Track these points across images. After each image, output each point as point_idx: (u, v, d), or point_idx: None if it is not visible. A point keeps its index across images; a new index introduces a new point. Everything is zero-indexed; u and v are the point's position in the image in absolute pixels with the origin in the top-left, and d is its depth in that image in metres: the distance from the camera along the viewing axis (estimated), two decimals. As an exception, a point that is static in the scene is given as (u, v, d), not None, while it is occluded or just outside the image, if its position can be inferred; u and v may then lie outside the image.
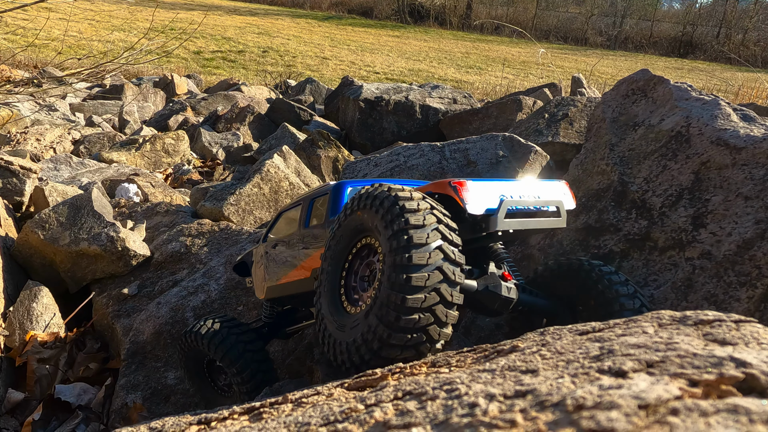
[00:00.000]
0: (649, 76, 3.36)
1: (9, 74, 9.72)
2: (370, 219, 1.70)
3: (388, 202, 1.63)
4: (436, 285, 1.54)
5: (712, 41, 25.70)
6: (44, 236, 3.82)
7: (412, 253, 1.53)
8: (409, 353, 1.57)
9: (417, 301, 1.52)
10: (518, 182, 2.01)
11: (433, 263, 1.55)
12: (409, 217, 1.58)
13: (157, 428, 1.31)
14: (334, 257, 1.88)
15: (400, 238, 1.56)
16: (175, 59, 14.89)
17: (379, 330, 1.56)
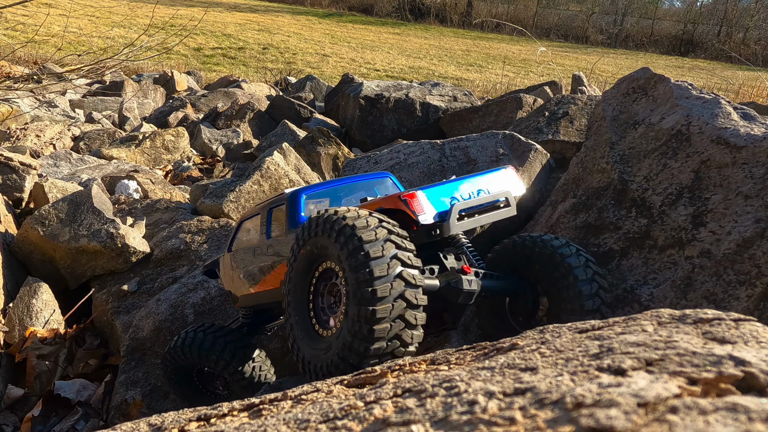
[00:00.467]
0: (649, 74, 3.36)
1: (9, 70, 9.70)
2: (326, 244, 1.75)
3: (339, 225, 1.69)
4: (401, 292, 1.62)
5: (713, 40, 25.68)
6: (44, 232, 3.82)
7: (372, 266, 1.60)
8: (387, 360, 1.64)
9: (386, 311, 1.59)
10: (468, 180, 2.05)
11: (393, 272, 1.62)
12: (361, 234, 1.64)
13: (156, 424, 1.31)
14: (298, 286, 1.93)
15: (357, 256, 1.62)
16: (175, 56, 14.87)
17: (356, 345, 1.63)
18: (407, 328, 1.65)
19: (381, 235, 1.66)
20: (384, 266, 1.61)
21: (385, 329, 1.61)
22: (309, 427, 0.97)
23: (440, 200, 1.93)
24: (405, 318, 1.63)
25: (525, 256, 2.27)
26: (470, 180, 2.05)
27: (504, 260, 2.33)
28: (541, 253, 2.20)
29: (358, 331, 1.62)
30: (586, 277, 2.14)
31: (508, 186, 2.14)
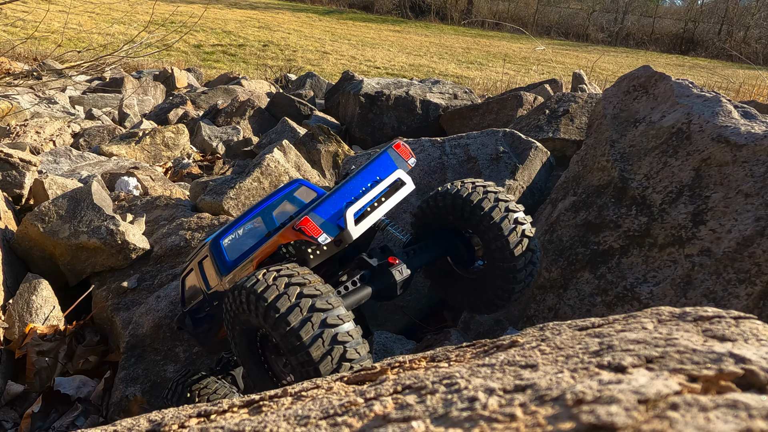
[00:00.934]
0: (650, 72, 3.36)
1: (9, 66, 9.69)
2: (247, 319, 1.79)
3: (255, 299, 1.72)
4: (334, 338, 1.65)
5: (714, 38, 25.65)
6: (44, 229, 3.82)
7: (301, 334, 1.63)
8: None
9: (328, 363, 1.64)
10: (356, 177, 2.01)
11: (319, 328, 1.65)
12: (279, 306, 1.67)
13: (156, 420, 1.31)
14: (246, 354, 1.95)
15: (282, 326, 1.66)
16: (175, 52, 14.86)
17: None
18: (353, 348, 1.68)
19: (293, 293, 1.69)
20: (309, 329, 1.64)
21: (328, 360, 1.65)
22: (309, 424, 0.97)
23: (335, 211, 1.93)
24: (346, 347, 1.66)
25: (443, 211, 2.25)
26: (359, 176, 2.01)
27: (429, 220, 2.30)
28: (454, 204, 2.19)
29: (307, 375, 1.66)
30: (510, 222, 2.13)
31: (397, 164, 2.09)
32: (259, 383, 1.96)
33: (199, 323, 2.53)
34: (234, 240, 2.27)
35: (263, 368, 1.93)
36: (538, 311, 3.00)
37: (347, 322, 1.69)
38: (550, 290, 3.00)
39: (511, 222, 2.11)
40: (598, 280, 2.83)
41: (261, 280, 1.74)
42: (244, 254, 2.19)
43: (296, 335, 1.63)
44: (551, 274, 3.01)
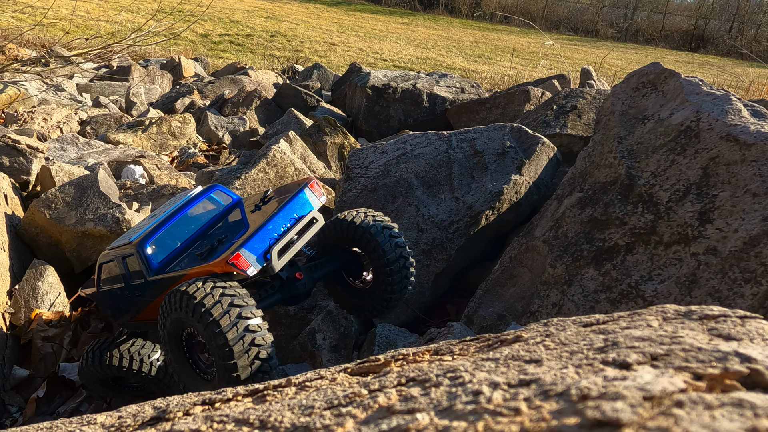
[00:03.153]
0: (660, 69, 3.33)
1: (17, 53, 9.70)
2: (184, 317, 2.11)
3: (190, 303, 2.06)
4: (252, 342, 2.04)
5: (724, 36, 25.43)
6: (50, 216, 3.84)
7: (227, 335, 2.01)
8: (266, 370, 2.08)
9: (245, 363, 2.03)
10: (278, 215, 2.38)
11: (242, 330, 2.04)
12: (212, 311, 2.03)
13: (161, 407, 1.32)
14: (174, 351, 2.27)
15: (212, 327, 2.02)
16: (182, 42, 14.84)
17: (233, 379, 2.03)
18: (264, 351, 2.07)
19: (225, 303, 2.06)
20: (235, 332, 2.03)
21: (250, 369, 2.05)
22: (313, 413, 0.98)
23: (261, 248, 2.28)
24: (258, 357, 2.06)
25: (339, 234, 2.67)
26: (280, 215, 2.38)
27: (328, 241, 2.73)
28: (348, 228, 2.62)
29: (229, 377, 2.03)
30: (391, 245, 2.58)
31: (312, 203, 2.50)
32: (178, 369, 2.29)
33: (111, 304, 2.83)
34: (160, 244, 2.55)
35: (185, 358, 2.27)
36: (541, 307, 2.99)
37: (257, 317, 2.08)
38: (554, 286, 2.99)
39: (386, 236, 2.56)
40: (603, 277, 2.82)
41: (200, 288, 2.10)
42: (173, 265, 2.49)
43: (218, 325, 2.02)
44: (556, 270, 3.01)
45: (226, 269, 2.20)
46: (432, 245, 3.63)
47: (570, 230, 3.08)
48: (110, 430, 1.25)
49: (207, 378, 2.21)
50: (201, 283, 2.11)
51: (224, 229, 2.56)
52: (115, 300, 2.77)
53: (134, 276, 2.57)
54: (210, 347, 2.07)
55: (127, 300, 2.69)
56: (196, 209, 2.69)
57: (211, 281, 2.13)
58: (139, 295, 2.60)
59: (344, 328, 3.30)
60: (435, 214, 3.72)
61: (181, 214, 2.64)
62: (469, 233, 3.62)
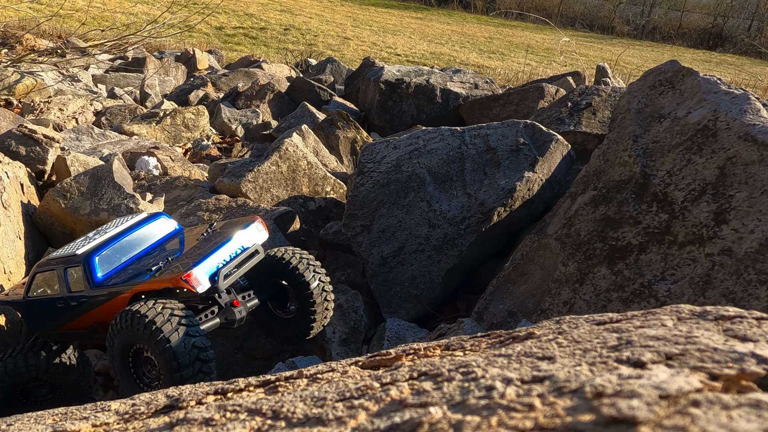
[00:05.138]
0: (677, 67, 3.30)
1: (33, 43, 9.79)
2: (136, 335, 2.34)
3: (141, 321, 2.31)
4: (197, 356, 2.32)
5: (743, 34, 25.06)
6: (65, 205, 3.88)
7: (176, 350, 2.28)
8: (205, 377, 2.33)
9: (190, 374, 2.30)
10: (227, 244, 2.66)
11: (190, 348, 2.31)
12: (162, 328, 2.29)
13: (174, 396, 1.33)
14: (118, 362, 2.49)
15: (162, 342, 2.28)
16: (197, 34, 14.89)
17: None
18: (204, 373, 2.34)
19: (174, 321, 2.32)
20: (182, 344, 2.30)
21: (191, 371, 2.31)
22: (326, 405, 0.98)
23: (211, 271, 2.54)
24: (202, 370, 2.34)
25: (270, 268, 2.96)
26: (228, 243, 2.67)
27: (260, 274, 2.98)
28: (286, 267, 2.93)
29: (175, 380, 2.26)
30: (316, 280, 2.91)
31: (255, 238, 2.80)
32: (123, 382, 2.51)
33: (38, 312, 2.97)
34: (105, 260, 2.76)
35: (130, 373, 2.49)
36: (552, 305, 2.98)
37: (201, 336, 2.37)
38: (566, 284, 2.98)
39: (311, 272, 2.90)
40: (615, 276, 2.80)
41: (151, 308, 2.34)
42: (117, 280, 2.69)
43: (168, 341, 2.28)
44: (567, 269, 3.00)
45: (179, 285, 2.44)
46: (443, 241, 3.63)
47: (583, 228, 3.07)
48: (124, 416, 1.26)
49: (146, 390, 2.43)
50: (151, 304, 2.37)
51: (167, 253, 2.83)
52: (44, 309, 2.92)
53: (74, 287, 2.77)
54: (158, 361, 2.33)
55: (59, 309, 2.85)
56: (141, 232, 2.96)
57: (161, 302, 2.39)
58: (74, 306, 2.78)
59: (354, 322, 3.30)
60: (447, 209, 3.72)
61: (127, 235, 2.90)
62: (480, 230, 3.61)
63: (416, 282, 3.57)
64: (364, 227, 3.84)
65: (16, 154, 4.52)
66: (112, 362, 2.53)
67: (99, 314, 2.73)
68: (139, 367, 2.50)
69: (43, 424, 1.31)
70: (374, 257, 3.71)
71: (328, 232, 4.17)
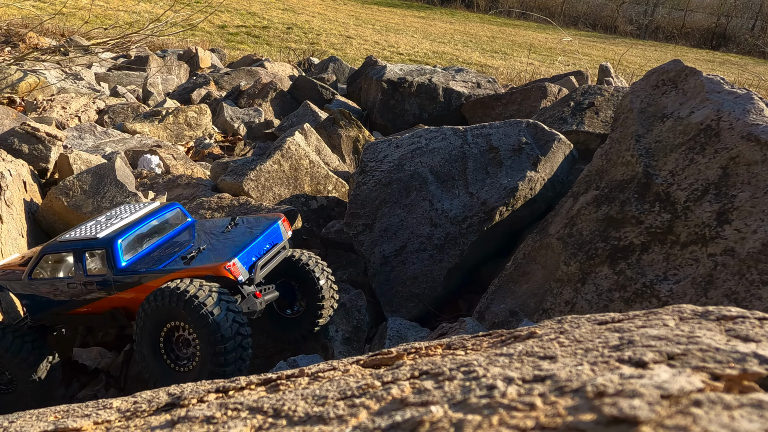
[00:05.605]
0: (680, 67, 3.29)
1: (37, 42, 9.81)
2: (177, 312, 2.41)
3: (182, 297, 2.38)
4: (238, 331, 2.44)
5: (746, 34, 24.98)
6: (68, 203, 3.89)
7: (220, 323, 2.39)
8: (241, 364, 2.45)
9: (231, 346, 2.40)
10: (261, 238, 2.83)
11: (231, 322, 2.42)
12: (205, 302, 2.38)
13: (176, 394, 1.33)
14: (147, 341, 2.53)
15: (205, 316, 2.36)
16: (199, 32, 14.90)
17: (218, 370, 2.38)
18: (243, 344, 2.46)
19: (215, 298, 2.42)
20: (227, 321, 2.40)
21: (233, 344, 2.41)
22: (327, 404, 0.98)
23: (249, 262, 2.71)
24: (242, 344, 2.45)
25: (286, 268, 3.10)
26: (262, 237, 2.85)
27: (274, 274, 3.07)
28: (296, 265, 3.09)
29: (217, 353, 2.37)
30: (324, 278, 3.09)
31: (283, 234, 3.00)
32: (150, 361, 2.54)
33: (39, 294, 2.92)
34: (129, 245, 2.79)
35: (160, 351, 2.53)
36: (554, 304, 2.98)
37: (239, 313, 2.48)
38: (568, 284, 2.98)
39: (320, 270, 3.08)
40: (617, 276, 2.80)
41: (192, 286, 2.43)
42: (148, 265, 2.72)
43: (213, 317, 2.37)
44: (569, 268, 2.99)
45: (221, 273, 2.55)
46: (445, 240, 3.62)
47: (585, 228, 3.06)
48: (126, 414, 1.26)
49: (179, 370, 2.51)
50: (188, 281, 2.46)
51: (192, 242, 2.92)
52: (49, 291, 2.86)
53: (92, 270, 2.75)
54: (200, 336, 2.39)
55: (67, 293, 2.81)
56: (158, 221, 3.00)
57: (198, 281, 2.47)
58: (88, 290, 2.75)
59: (357, 321, 3.31)
60: (449, 209, 3.72)
61: (147, 222, 2.92)
62: (482, 229, 3.61)
63: (418, 281, 3.57)
64: (366, 226, 3.84)
65: (19, 152, 4.52)
66: (139, 344, 2.53)
67: (121, 299, 2.71)
68: (172, 347, 2.53)
69: (45, 421, 1.32)
70: (376, 256, 3.71)
71: (330, 231, 4.17)
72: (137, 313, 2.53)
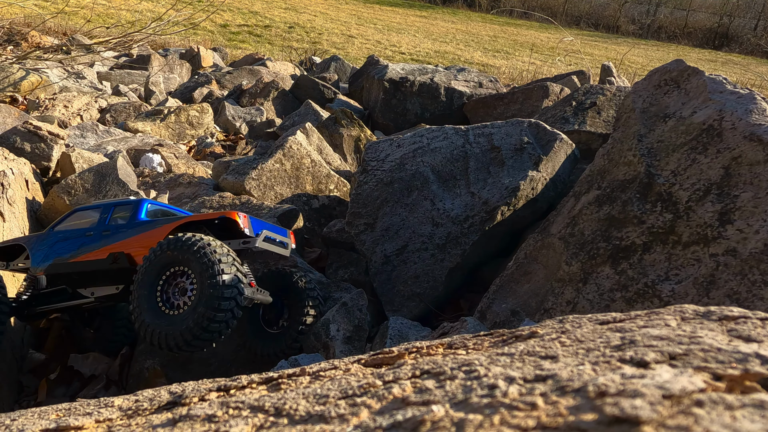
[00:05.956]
0: (683, 66, 3.28)
1: (39, 40, 9.82)
2: (186, 256, 2.59)
3: (194, 244, 2.59)
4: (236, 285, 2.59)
5: (749, 34, 24.94)
6: (70, 201, 3.89)
7: (224, 274, 2.55)
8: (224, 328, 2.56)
9: (229, 294, 2.54)
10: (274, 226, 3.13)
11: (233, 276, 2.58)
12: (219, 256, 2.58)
13: (177, 392, 1.33)
14: (147, 282, 2.68)
15: (214, 267, 2.54)
16: (201, 32, 14.91)
17: (208, 314, 2.50)
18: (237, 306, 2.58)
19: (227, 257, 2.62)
20: (230, 272, 2.58)
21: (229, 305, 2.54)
22: (328, 403, 0.98)
23: (257, 227, 2.94)
24: (237, 300, 2.58)
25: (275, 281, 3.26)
26: (275, 227, 3.13)
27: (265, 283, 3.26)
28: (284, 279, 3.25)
29: (212, 306, 2.50)
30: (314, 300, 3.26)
31: (288, 240, 3.21)
32: (143, 303, 2.67)
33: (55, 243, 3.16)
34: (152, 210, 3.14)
35: (155, 293, 2.67)
36: (555, 304, 2.98)
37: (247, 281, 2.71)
38: (569, 284, 2.97)
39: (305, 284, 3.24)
40: (619, 276, 2.80)
41: (202, 237, 2.63)
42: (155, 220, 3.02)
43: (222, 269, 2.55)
44: (571, 268, 2.99)
45: (232, 216, 2.78)
46: (446, 240, 3.62)
47: (587, 228, 3.06)
48: (127, 412, 1.26)
49: (169, 313, 2.64)
50: (201, 235, 2.67)
51: None
52: (68, 239, 3.12)
53: (116, 219, 3.08)
54: (202, 279, 2.54)
55: (85, 239, 3.08)
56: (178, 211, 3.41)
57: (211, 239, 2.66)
58: (105, 235, 3.04)
59: (358, 320, 3.31)
60: (450, 208, 3.72)
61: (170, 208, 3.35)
62: (484, 228, 3.61)
63: (419, 280, 3.57)
64: (367, 225, 3.84)
65: (21, 151, 4.53)
66: (138, 283, 2.69)
67: (128, 244, 2.96)
68: (168, 290, 2.69)
69: (47, 419, 1.32)
70: (377, 255, 3.71)
71: (331, 230, 4.17)
72: (144, 257, 2.72)
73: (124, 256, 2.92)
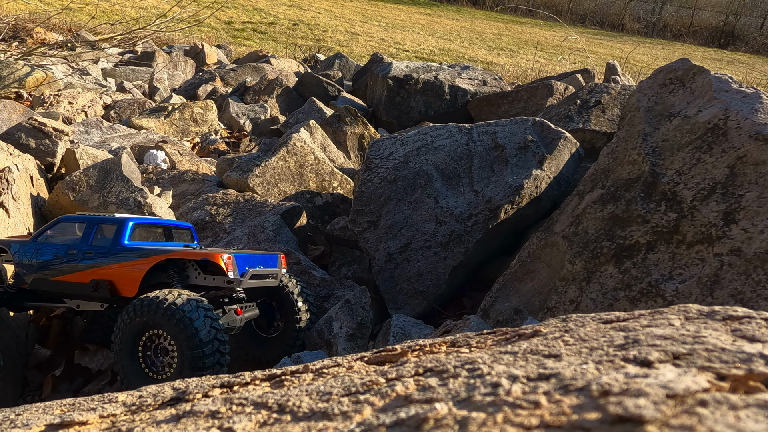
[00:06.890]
0: (688, 65, 3.27)
1: (44, 37, 9.84)
2: (156, 320, 2.55)
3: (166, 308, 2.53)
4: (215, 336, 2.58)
5: (755, 33, 24.81)
6: (74, 198, 3.90)
7: (198, 327, 2.53)
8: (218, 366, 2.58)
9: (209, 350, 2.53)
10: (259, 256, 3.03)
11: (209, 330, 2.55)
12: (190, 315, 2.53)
13: (180, 389, 1.34)
14: (126, 352, 2.66)
15: (188, 330, 2.51)
16: (206, 28, 14.91)
17: (196, 373, 2.44)
18: (221, 353, 2.59)
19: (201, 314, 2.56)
20: (206, 329, 2.55)
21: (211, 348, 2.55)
22: (331, 400, 0.99)
23: (242, 265, 2.86)
24: (219, 350, 2.59)
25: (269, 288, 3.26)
26: (262, 256, 3.06)
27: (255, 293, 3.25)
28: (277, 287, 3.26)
29: (195, 364, 2.50)
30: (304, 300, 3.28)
31: (278, 265, 3.18)
32: (127, 368, 2.65)
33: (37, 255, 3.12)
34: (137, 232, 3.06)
35: (137, 358, 2.65)
36: (559, 303, 2.98)
37: (221, 330, 2.62)
38: (573, 283, 2.97)
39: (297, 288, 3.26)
40: (623, 275, 2.79)
41: (179, 297, 2.57)
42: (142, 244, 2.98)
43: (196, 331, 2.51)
44: (575, 267, 2.99)
45: (216, 260, 2.73)
46: (450, 238, 3.62)
47: (590, 227, 3.05)
48: (131, 408, 1.27)
49: (155, 377, 2.63)
50: (176, 293, 2.60)
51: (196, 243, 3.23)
52: (49, 253, 3.07)
53: (96, 242, 2.96)
54: (178, 342, 2.53)
55: (66, 257, 3.01)
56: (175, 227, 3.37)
57: (185, 293, 2.62)
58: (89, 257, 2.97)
59: (361, 317, 3.31)
60: (454, 206, 3.71)
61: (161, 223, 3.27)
62: (487, 227, 3.61)
63: (422, 278, 3.57)
64: (370, 223, 3.84)
65: (26, 147, 4.55)
66: (118, 346, 2.66)
67: (109, 272, 2.88)
68: (149, 354, 2.65)
69: (51, 414, 1.33)
70: (380, 253, 3.71)
71: (334, 228, 4.17)
72: (116, 321, 2.69)
73: (105, 285, 2.87)
